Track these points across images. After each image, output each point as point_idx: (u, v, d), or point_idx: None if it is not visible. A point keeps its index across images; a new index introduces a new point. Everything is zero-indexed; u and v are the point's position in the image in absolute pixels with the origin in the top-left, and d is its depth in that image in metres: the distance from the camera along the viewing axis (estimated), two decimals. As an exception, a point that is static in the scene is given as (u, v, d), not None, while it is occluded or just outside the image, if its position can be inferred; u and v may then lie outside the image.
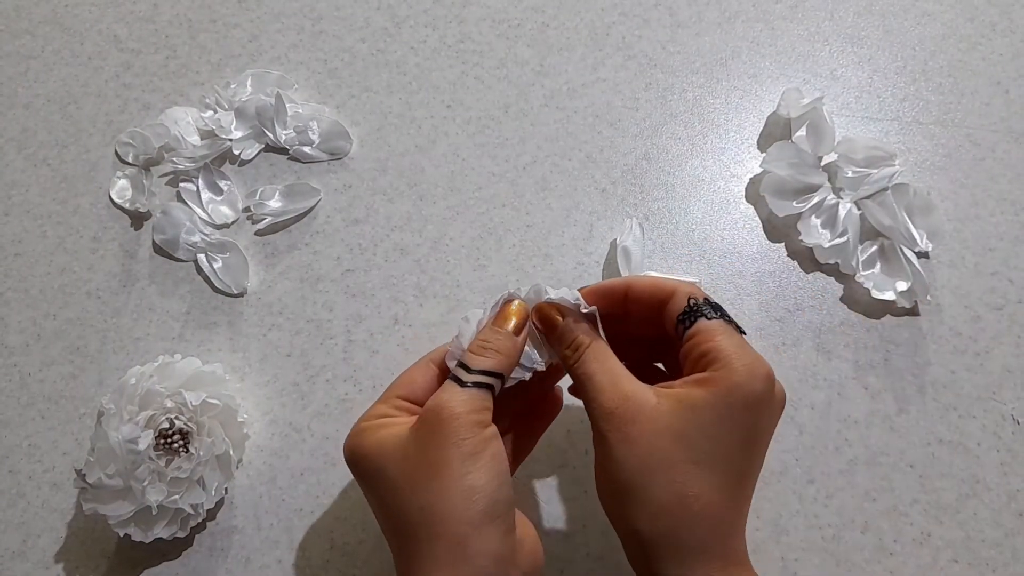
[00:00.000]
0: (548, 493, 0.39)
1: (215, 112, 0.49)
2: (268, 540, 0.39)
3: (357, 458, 0.31)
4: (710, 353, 0.30)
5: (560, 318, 0.33)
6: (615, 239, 0.45)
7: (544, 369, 0.34)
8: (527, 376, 0.34)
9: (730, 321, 0.32)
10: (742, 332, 0.32)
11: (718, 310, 0.32)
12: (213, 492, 0.37)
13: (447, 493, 0.28)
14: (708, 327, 0.31)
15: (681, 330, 0.31)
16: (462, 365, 0.31)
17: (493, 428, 0.31)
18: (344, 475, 0.40)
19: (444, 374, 0.34)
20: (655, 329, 0.34)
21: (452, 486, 0.28)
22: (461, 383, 0.31)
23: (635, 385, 0.31)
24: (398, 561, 0.30)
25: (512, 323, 0.33)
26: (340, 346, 0.43)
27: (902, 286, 0.42)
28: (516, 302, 0.33)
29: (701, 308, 0.31)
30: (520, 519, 0.32)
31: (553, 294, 0.33)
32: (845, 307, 0.44)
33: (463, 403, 0.30)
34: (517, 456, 0.36)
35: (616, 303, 0.34)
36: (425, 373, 0.34)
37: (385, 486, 0.30)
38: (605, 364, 0.31)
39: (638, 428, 0.29)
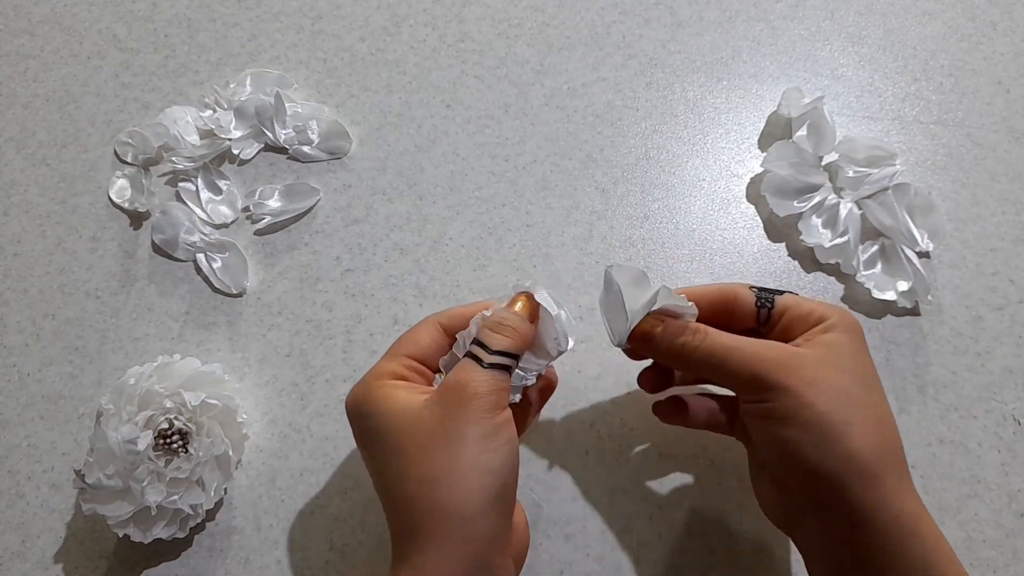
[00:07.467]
0: (548, 493, 0.39)
1: (214, 111, 0.49)
2: (267, 540, 0.39)
3: (365, 414, 0.30)
4: (812, 312, 0.33)
5: (658, 321, 0.34)
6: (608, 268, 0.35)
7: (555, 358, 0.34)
8: (549, 364, 0.34)
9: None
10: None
11: (773, 290, 0.35)
12: (212, 492, 0.37)
13: (461, 468, 0.28)
14: (788, 300, 0.34)
15: (764, 314, 0.34)
16: (480, 344, 0.31)
17: (508, 412, 0.30)
18: (344, 476, 0.40)
19: (450, 337, 0.33)
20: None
21: (467, 462, 0.28)
22: (481, 363, 0.30)
23: (774, 342, 0.32)
24: (391, 526, 0.30)
25: (525, 312, 0.32)
26: (340, 346, 0.43)
27: (903, 286, 0.42)
28: (527, 296, 0.33)
29: (768, 291, 0.35)
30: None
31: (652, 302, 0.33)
32: (846, 307, 0.43)
33: (484, 383, 0.29)
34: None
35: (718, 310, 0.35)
36: (431, 333, 0.33)
37: (390, 447, 0.29)
38: (732, 337, 0.32)
39: (815, 371, 0.31)
